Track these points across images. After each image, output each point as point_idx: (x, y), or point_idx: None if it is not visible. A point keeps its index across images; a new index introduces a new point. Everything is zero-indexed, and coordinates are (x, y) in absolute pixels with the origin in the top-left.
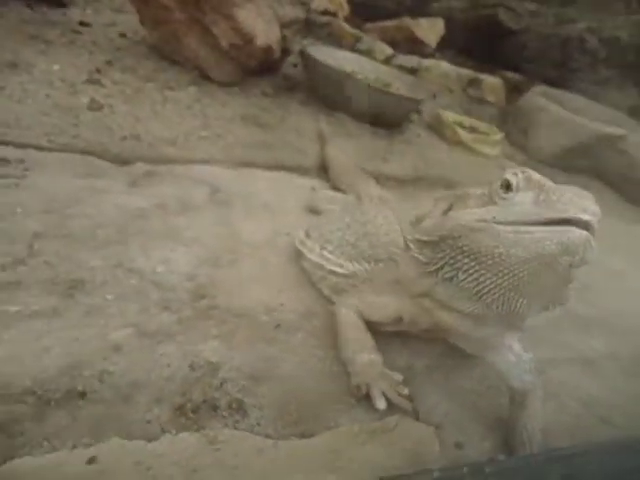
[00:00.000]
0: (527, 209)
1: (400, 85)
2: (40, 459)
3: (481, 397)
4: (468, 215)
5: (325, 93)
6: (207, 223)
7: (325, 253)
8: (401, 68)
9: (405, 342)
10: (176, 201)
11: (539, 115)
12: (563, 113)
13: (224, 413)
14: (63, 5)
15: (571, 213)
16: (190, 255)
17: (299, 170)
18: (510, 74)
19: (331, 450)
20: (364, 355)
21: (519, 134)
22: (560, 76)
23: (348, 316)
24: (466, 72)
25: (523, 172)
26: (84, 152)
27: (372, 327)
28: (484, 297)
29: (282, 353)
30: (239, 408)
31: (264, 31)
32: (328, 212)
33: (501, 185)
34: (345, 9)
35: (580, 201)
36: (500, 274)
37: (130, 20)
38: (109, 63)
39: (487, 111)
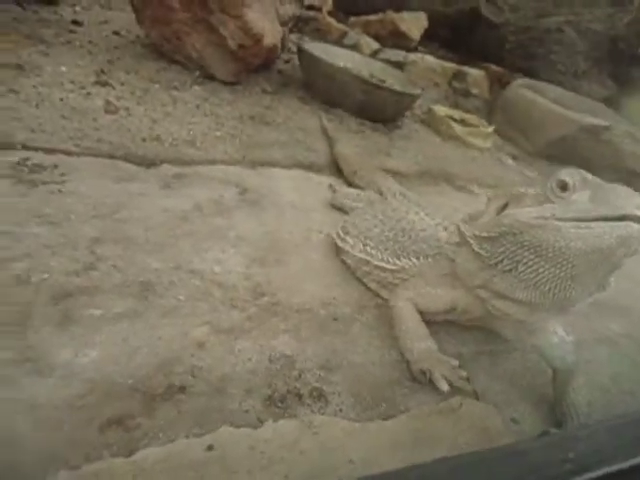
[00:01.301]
0: (585, 207)
1: (393, 81)
2: (162, 449)
3: (525, 377)
4: (527, 212)
5: (323, 89)
6: (245, 223)
7: (368, 249)
8: (388, 62)
9: (450, 331)
10: (210, 202)
11: (526, 107)
12: (549, 105)
13: (308, 401)
14: (53, 3)
15: (627, 210)
16: (240, 255)
17: (313, 168)
18: (492, 66)
19: (411, 429)
20: (421, 343)
21: (506, 126)
22: (540, 68)
23: (405, 308)
24: (450, 65)
25: (579, 173)
26: (110, 156)
27: (425, 316)
28: (542, 286)
29: (344, 344)
30: (320, 396)
31: (271, 30)
32: (356, 209)
33: (557, 185)
34: (328, 3)
35: (633, 199)
36: (559, 265)
37: (121, 17)
38: (111, 63)
39: (472, 103)
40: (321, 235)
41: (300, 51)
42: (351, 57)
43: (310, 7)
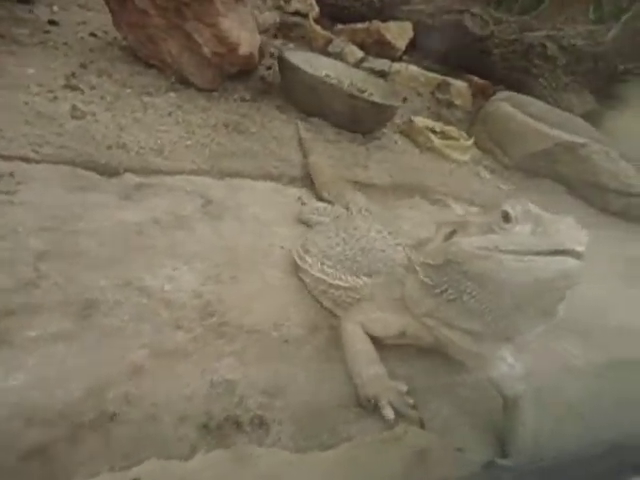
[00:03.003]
0: (526, 240)
1: (374, 90)
2: None
3: (476, 404)
4: (471, 242)
5: (301, 98)
6: (204, 237)
7: (326, 268)
8: (371, 71)
9: (404, 353)
10: (170, 215)
11: (505, 122)
12: (527, 120)
13: (247, 429)
14: (28, 2)
15: (567, 245)
16: (193, 272)
17: (284, 179)
18: (476, 79)
19: (351, 459)
20: (370, 368)
21: (486, 139)
22: (523, 81)
23: (354, 331)
24: (434, 76)
25: (521, 205)
26: (71, 163)
27: (374, 340)
28: (486, 317)
29: (292, 368)
30: (261, 423)
31: (247, 39)
32: (320, 225)
33: (501, 216)
34: (315, 10)
35: (573, 233)
36: (501, 296)
37: (99, 18)
38: (83, 66)
39: (455, 115)
40: (283, 251)
41: (280, 59)
42: (333, 66)
43: (296, 13)
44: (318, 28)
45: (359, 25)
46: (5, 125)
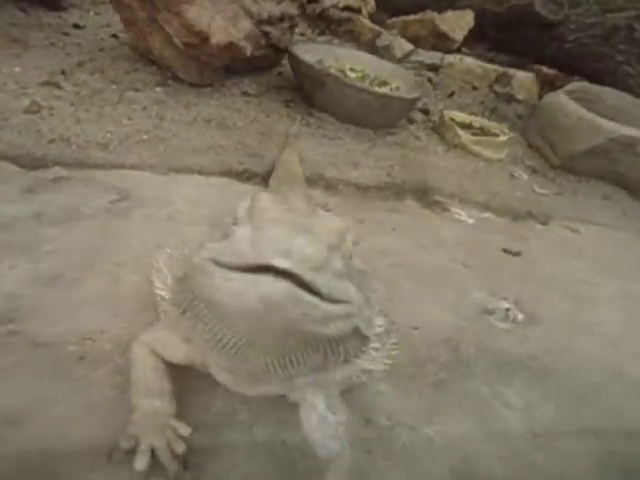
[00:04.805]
0: (240, 249)
1: (402, 84)
2: None
3: (292, 455)
4: (205, 250)
5: (310, 93)
6: (79, 236)
7: (166, 276)
8: (420, 65)
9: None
10: (62, 210)
11: (556, 115)
12: (582, 113)
13: None
14: (60, 8)
15: (265, 258)
16: (28, 271)
17: (244, 176)
18: (544, 69)
19: None
20: (149, 401)
21: (536, 136)
22: (603, 70)
23: (139, 353)
24: (494, 68)
25: (258, 197)
26: None
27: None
28: (228, 351)
29: (65, 392)
30: None
31: (222, 28)
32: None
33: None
34: (371, 4)
35: (284, 240)
36: (226, 325)
37: None
38: (80, 64)
39: (515, 109)
40: (164, 255)
41: (288, 53)
42: (358, 58)
43: (346, 8)
44: (367, 22)
45: (412, 17)
46: None
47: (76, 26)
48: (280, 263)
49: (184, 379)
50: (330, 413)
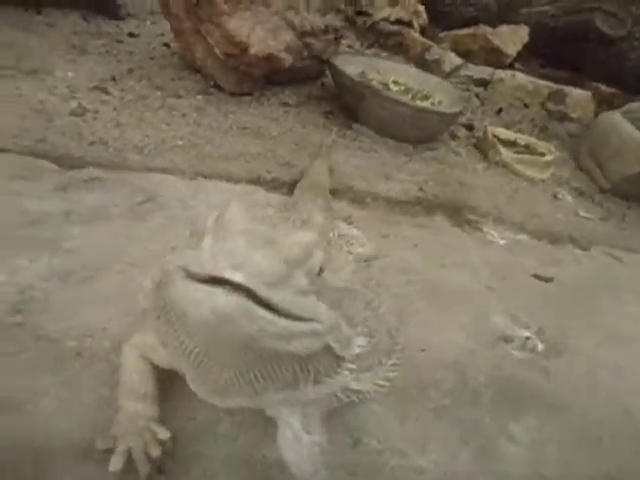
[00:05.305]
0: (202, 259)
1: (445, 98)
2: None
3: (270, 470)
4: (178, 256)
5: (350, 105)
6: (100, 235)
7: None
8: (469, 79)
9: None
10: (90, 209)
11: (607, 136)
12: (636, 134)
13: None
14: (119, 17)
15: (218, 270)
16: (45, 266)
17: (271, 184)
18: (602, 87)
19: None
20: (132, 404)
21: (586, 156)
22: None
23: (128, 355)
24: (546, 84)
25: (233, 205)
26: (41, 156)
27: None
28: (193, 362)
29: (57, 386)
30: None
31: (262, 39)
32: None
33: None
34: (423, 17)
35: (245, 254)
36: (188, 334)
37: None
38: (130, 71)
39: (567, 128)
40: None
41: (329, 64)
42: (404, 71)
43: (397, 21)
44: (417, 36)
45: (464, 31)
46: None
47: (131, 35)
48: (233, 276)
49: (176, 383)
50: (305, 433)
